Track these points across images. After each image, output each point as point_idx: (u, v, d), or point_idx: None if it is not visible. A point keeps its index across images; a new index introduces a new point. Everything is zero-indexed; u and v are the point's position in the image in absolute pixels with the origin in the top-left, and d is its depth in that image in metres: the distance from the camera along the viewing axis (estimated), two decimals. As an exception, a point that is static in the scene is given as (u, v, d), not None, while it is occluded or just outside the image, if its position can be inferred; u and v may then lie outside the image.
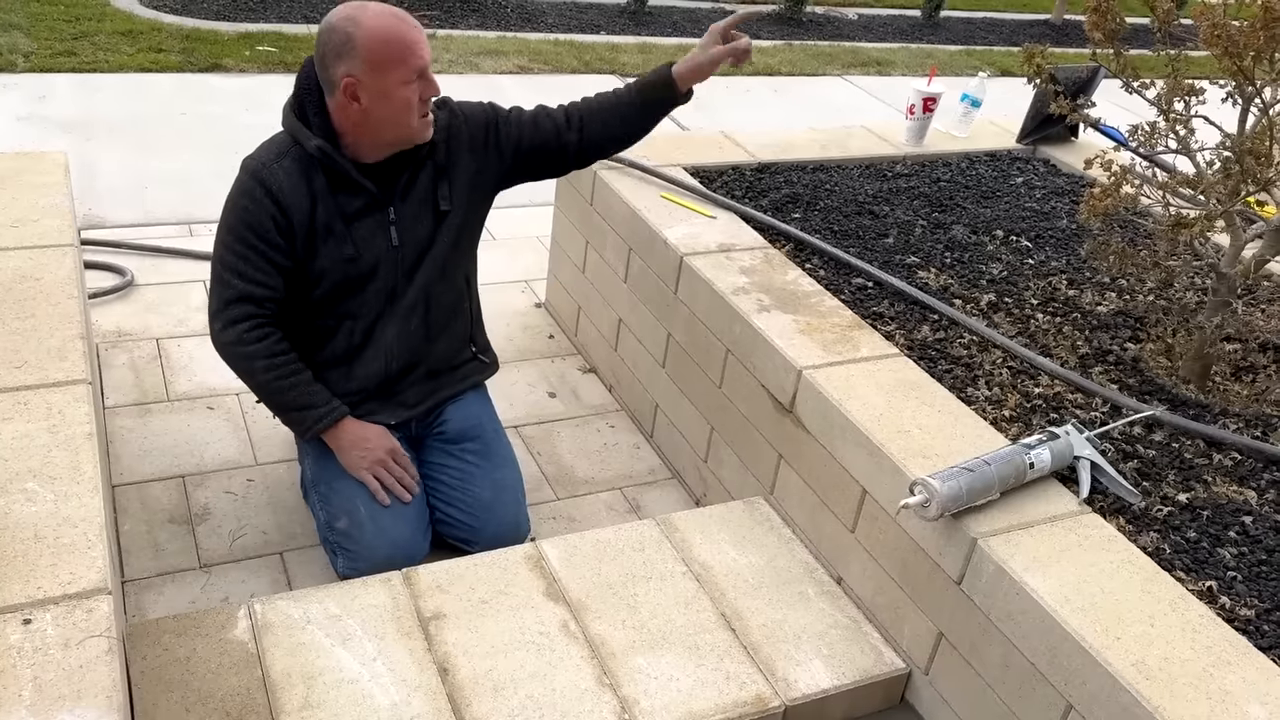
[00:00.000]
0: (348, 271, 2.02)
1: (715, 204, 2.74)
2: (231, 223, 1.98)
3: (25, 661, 1.27)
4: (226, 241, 1.98)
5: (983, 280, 2.58)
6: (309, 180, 1.96)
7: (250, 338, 1.99)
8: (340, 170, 1.97)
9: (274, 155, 1.97)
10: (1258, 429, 2.11)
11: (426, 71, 1.92)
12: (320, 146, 1.94)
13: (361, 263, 2.03)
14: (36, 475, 1.54)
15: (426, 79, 1.93)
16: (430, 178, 2.08)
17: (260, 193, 1.94)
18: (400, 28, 1.88)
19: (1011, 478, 1.79)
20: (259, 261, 1.97)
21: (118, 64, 4.87)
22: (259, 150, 2.00)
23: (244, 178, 1.97)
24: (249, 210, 1.95)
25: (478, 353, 2.32)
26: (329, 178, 1.97)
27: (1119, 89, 2.20)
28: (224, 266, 1.98)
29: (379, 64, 1.87)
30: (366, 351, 2.11)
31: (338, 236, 1.99)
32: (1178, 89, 2.09)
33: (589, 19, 6.88)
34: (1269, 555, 1.78)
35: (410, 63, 1.89)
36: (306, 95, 1.98)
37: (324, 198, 1.97)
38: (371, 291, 2.06)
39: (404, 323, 2.12)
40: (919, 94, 3.26)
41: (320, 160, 1.95)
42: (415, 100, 1.92)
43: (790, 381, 2.13)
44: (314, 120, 1.96)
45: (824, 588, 2.05)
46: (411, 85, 1.90)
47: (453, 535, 2.19)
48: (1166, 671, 1.50)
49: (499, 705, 1.69)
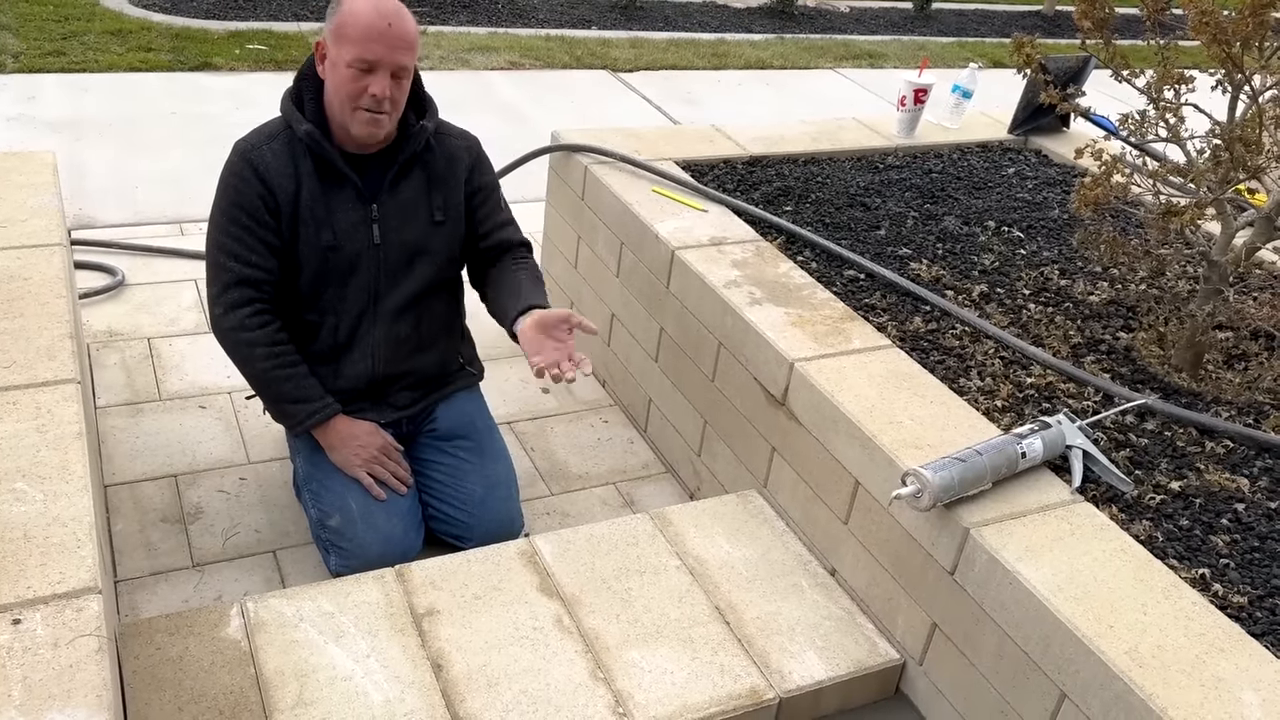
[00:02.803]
0: (327, 261, 2.02)
1: (706, 197, 2.74)
2: (223, 204, 1.99)
3: (14, 661, 1.27)
4: (219, 223, 1.99)
5: (974, 271, 2.58)
6: (295, 163, 1.97)
7: (251, 324, 2.00)
8: (327, 157, 1.98)
9: (264, 137, 1.99)
10: (1250, 416, 2.12)
11: (377, 69, 1.89)
12: (309, 131, 1.95)
13: (341, 254, 2.03)
14: (25, 475, 1.53)
15: (374, 74, 1.89)
16: (422, 185, 2.08)
17: (249, 172, 1.95)
18: (374, 16, 1.87)
19: (1004, 467, 1.79)
20: (252, 242, 1.97)
21: (107, 63, 4.86)
22: (250, 134, 2.02)
23: (233, 158, 1.99)
24: (239, 190, 1.96)
25: (465, 364, 2.33)
26: (316, 164, 1.99)
27: (1109, 79, 2.20)
28: (219, 249, 1.99)
29: (339, 34, 1.89)
30: (352, 352, 2.11)
31: (319, 222, 2.00)
32: (1168, 77, 2.09)
33: (580, 14, 6.86)
34: (1261, 542, 1.78)
35: (361, 49, 1.87)
36: (305, 82, 2.00)
37: (308, 181, 1.98)
38: (353, 288, 2.06)
39: (391, 327, 2.11)
40: (910, 86, 3.26)
41: (308, 145, 1.96)
42: (355, 88, 1.90)
43: (782, 374, 2.12)
44: (308, 106, 1.98)
45: (818, 580, 2.05)
46: (354, 71, 1.89)
47: (446, 532, 2.19)
48: (1159, 659, 1.50)
49: (493, 701, 1.69)
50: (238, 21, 5.76)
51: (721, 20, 7.28)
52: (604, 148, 2.89)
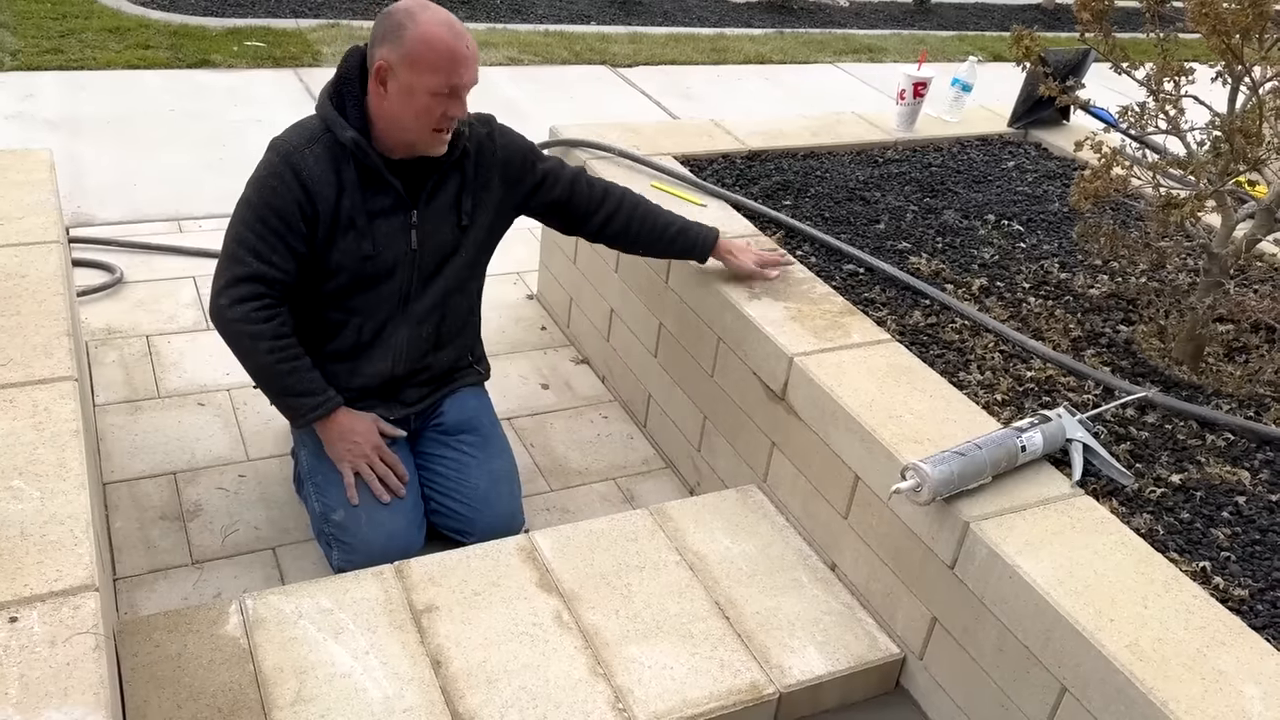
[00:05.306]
0: (364, 269, 2.00)
1: (706, 192, 2.73)
2: (255, 202, 1.93)
3: (11, 659, 1.26)
4: (247, 219, 1.94)
5: (974, 265, 2.57)
6: (338, 170, 1.94)
7: (257, 317, 1.94)
8: (371, 165, 1.94)
9: (305, 140, 1.94)
10: (1251, 409, 2.11)
11: (460, 91, 1.89)
12: (354, 139, 1.91)
13: (379, 261, 2.01)
14: (22, 473, 1.53)
15: (456, 98, 1.90)
16: (456, 188, 2.06)
17: (289, 175, 1.91)
18: (450, 39, 1.86)
19: (1003, 461, 1.78)
20: (278, 244, 1.93)
21: (105, 61, 4.85)
22: (289, 133, 1.97)
23: (274, 159, 1.93)
24: (276, 191, 1.92)
25: (474, 362, 2.33)
26: (359, 171, 1.95)
27: (1109, 71, 2.19)
28: (240, 243, 1.94)
29: (416, 62, 1.85)
30: (374, 351, 2.10)
31: (359, 231, 1.97)
32: (1167, 69, 2.08)
33: (578, 9, 6.85)
34: (1262, 535, 1.78)
35: (446, 76, 1.86)
36: (346, 85, 1.95)
37: (351, 190, 1.95)
38: (386, 292, 2.05)
39: (416, 328, 2.11)
40: (909, 79, 3.25)
41: (353, 152, 1.93)
42: (436, 113, 1.89)
43: (782, 369, 2.12)
44: (351, 111, 1.93)
45: (818, 574, 2.04)
46: (438, 98, 1.87)
47: (447, 526, 2.19)
48: (1160, 653, 1.50)
49: (492, 697, 1.68)
50: (236, 18, 5.75)
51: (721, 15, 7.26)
52: (603, 143, 2.88)
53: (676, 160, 2.90)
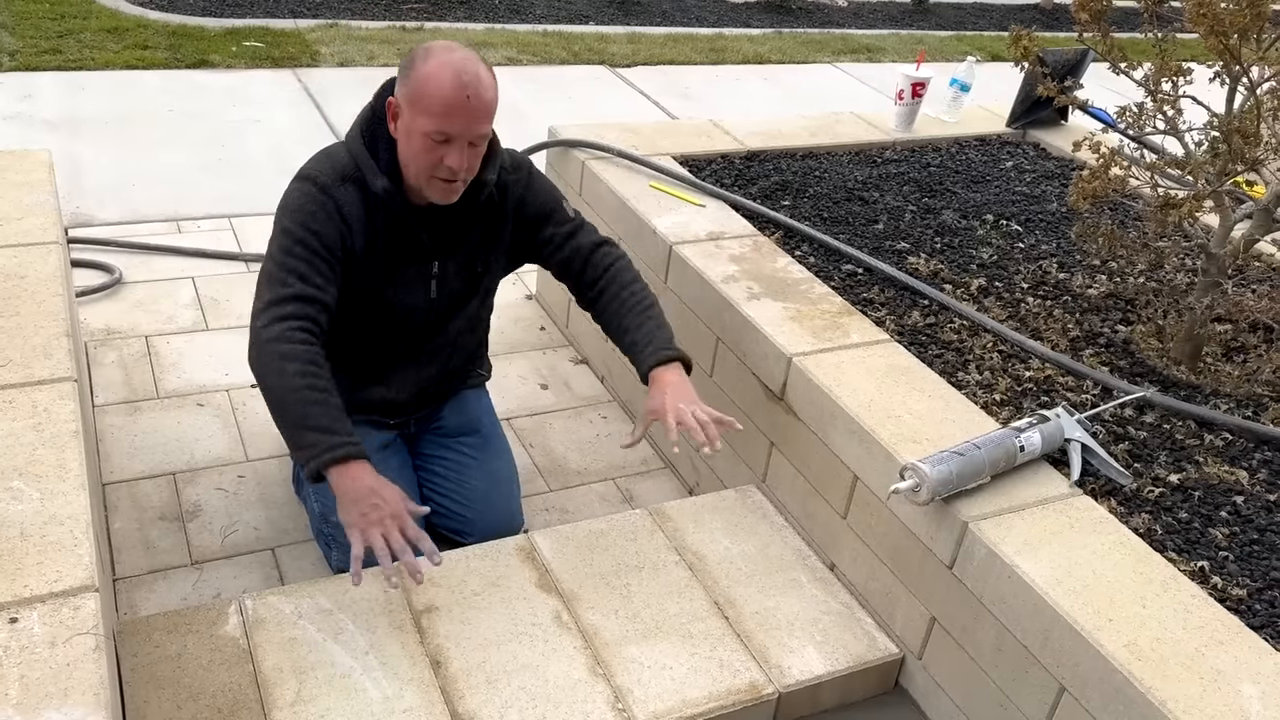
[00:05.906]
0: (380, 313, 1.99)
1: (704, 192, 2.73)
2: (293, 227, 1.84)
3: (11, 660, 1.27)
4: (287, 246, 1.83)
5: (973, 265, 2.57)
6: (370, 215, 1.89)
7: (294, 337, 1.77)
8: (400, 214, 1.91)
9: (336, 177, 1.87)
10: (1249, 409, 2.11)
11: (454, 141, 1.80)
12: (386, 188, 1.87)
13: (396, 309, 2.00)
14: (22, 474, 1.53)
15: (452, 146, 1.80)
16: (478, 239, 2.03)
17: (332, 208, 1.85)
18: (450, 85, 1.76)
19: (1002, 461, 1.78)
20: (323, 268, 1.85)
21: (104, 61, 4.84)
22: (322, 165, 1.90)
23: (311, 189, 1.86)
24: (318, 218, 1.84)
25: (476, 368, 2.33)
26: (387, 218, 1.91)
27: (1107, 71, 2.20)
28: (283, 269, 1.82)
29: (414, 102, 1.80)
30: (377, 386, 2.10)
31: (381, 277, 1.95)
32: (1165, 69, 2.09)
33: (577, 9, 6.85)
34: (1260, 535, 1.78)
35: (437, 122, 1.78)
36: (379, 125, 1.89)
37: (382, 237, 1.92)
38: (399, 335, 2.04)
39: (423, 368, 2.12)
40: (908, 79, 3.25)
41: (384, 201, 1.89)
42: (432, 158, 1.81)
43: (781, 369, 2.12)
44: (382, 152, 1.88)
45: (816, 574, 2.05)
46: (430, 143, 1.80)
47: (447, 527, 2.19)
48: (1159, 652, 1.50)
49: (492, 697, 1.68)
50: (234, 19, 5.74)
51: (719, 15, 7.26)
52: (601, 143, 2.88)
53: (675, 160, 2.90)
